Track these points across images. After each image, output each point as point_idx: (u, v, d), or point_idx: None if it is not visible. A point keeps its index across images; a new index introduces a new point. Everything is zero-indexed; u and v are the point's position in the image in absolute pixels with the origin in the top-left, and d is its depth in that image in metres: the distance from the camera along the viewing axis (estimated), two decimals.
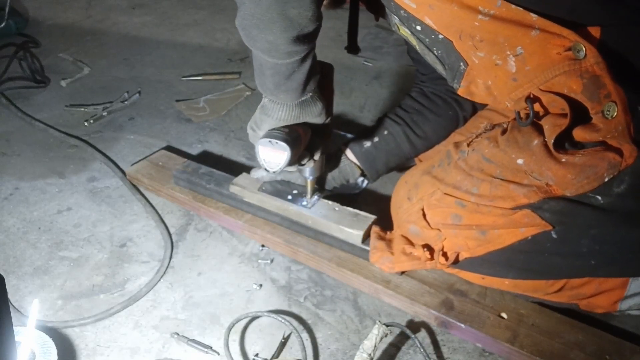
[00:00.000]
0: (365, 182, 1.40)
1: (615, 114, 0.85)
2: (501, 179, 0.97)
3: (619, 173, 0.90)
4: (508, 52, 0.90)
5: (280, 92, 0.97)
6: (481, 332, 0.99)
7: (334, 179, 1.29)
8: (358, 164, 1.29)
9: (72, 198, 1.37)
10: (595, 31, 0.87)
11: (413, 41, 1.02)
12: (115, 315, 1.06)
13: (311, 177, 1.17)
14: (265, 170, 1.03)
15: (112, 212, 1.32)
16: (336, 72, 1.15)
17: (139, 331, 1.04)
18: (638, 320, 1.06)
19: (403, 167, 1.39)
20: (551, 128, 0.91)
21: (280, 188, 1.24)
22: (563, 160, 0.91)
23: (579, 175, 0.90)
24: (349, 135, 1.50)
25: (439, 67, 1.04)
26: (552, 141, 0.91)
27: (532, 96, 0.93)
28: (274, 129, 1.01)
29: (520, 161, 0.95)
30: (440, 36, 0.95)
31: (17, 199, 1.36)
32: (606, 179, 0.90)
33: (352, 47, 1.23)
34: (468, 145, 1.05)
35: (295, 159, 1.03)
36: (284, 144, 0.98)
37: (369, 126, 1.32)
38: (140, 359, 0.99)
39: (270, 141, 0.99)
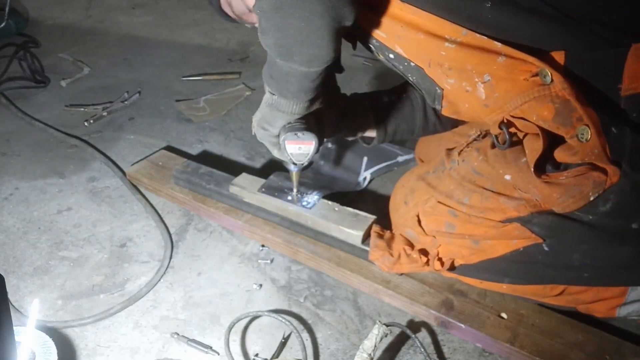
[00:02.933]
0: (368, 179, 1.40)
1: (589, 136, 0.86)
2: (492, 191, 0.98)
3: (604, 192, 0.90)
4: (476, 79, 0.91)
5: (302, 93, 0.96)
6: (481, 332, 0.99)
7: (346, 128, 1.24)
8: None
9: (72, 198, 1.37)
10: (559, 56, 0.87)
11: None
12: (115, 315, 1.06)
13: (296, 169, 1.17)
14: (293, 164, 1.04)
15: (112, 212, 1.32)
16: None
17: (139, 331, 1.04)
18: (638, 322, 1.06)
19: (408, 158, 1.38)
20: (530, 153, 0.92)
21: (280, 188, 1.24)
22: (547, 180, 0.92)
23: (564, 194, 0.91)
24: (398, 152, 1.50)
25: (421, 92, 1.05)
26: (533, 166, 0.91)
27: (505, 121, 0.94)
28: (291, 123, 1.01)
29: (507, 177, 0.96)
30: (412, 64, 0.97)
31: (17, 199, 1.36)
32: (591, 198, 0.90)
33: (338, 68, 1.23)
34: (459, 154, 1.05)
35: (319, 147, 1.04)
36: (310, 134, 1.00)
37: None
38: (140, 359, 0.99)
39: (296, 134, 0.99)
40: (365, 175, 1.42)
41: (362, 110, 1.23)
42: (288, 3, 0.82)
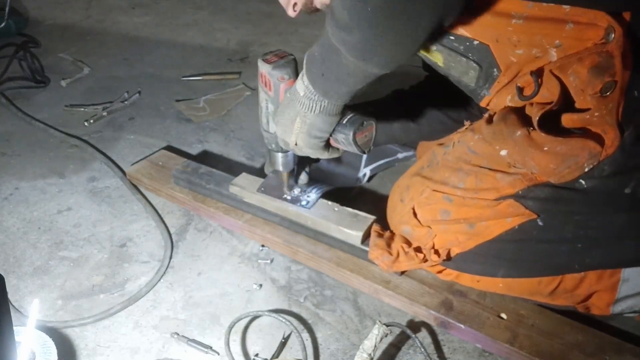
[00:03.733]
0: (367, 175, 1.40)
1: (611, 91, 0.88)
2: (487, 169, 0.99)
3: (599, 163, 0.93)
4: (547, 46, 0.91)
5: (349, 95, 0.95)
6: (481, 332, 0.99)
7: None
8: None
9: (72, 198, 1.37)
10: (626, 16, 0.89)
11: (437, 58, 1.01)
12: (115, 315, 1.06)
13: (286, 170, 1.17)
14: (362, 153, 1.03)
15: (112, 212, 1.32)
16: None
17: (139, 331, 1.04)
18: (638, 321, 1.06)
19: (408, 155, 1.42)
20: (538, 110, 0.93)
21: (279, 187, 1.24)
22: (545, 148, 0.93)
23: (560, 165, 0.93)
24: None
25: (466, 78, 1.03)
26: (537, 118, 0.92)
27: (539, 71, 0.94)
28: (344, 120, 1.00)
29: (503, 152, 0.97)
30: (476, 42, 0.95)
31: (17, 199, 1.36)
32: (586, 169, 0.93)
33: None
34: (455, 135, 1.07)
35: None
36: (370, 119, 1.01)
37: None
38: (140, 359, 0.99)
39: (363, 124, 1.00)
40: (364, 171, 1.42)
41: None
42: (402, 2, 0.78)
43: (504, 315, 1.02)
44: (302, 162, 1.23)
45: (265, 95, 1.09)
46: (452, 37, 0.97)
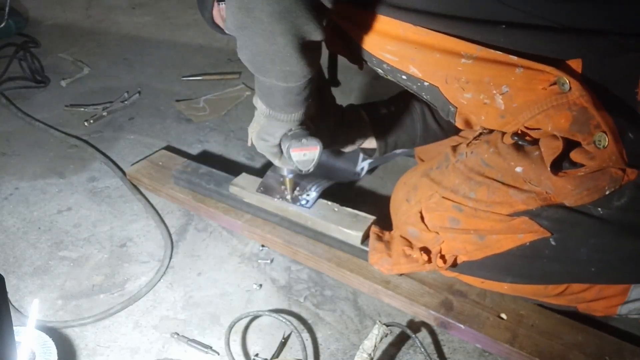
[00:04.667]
0: (365, 169, 1.40)
1: (607, 143, 0.85)
2: (501, 183, 0.97)
3: (620, 187, 0.90)
4: (494, 91, 0.91)
5: (290, 107, 0.97)
6: (480, 332, 0.99)
7: (342, 139, 1.24)
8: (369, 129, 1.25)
9: (72, 198, 1.37)
10: (576, 64, 0.87)
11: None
12: (115, 315, 1.06)
13: (290, 175, 1.17)
14: (299, 171, 1.03)
15: (112, 212, 1.32)
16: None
17: (139, 331, 1.04)
18: (638, 322, 1.06)
19: (407, 151, 1.38)
20: (548, 151, 0.91)
21: (278, 187, 1.24)
22: (562, 174, 0.91)
23: (578, 187, 0.90)
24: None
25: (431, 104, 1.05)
26: (550, 164, 0.90)
27: (519, 132, 0.94)
28: (292, 130, 1.01)
29: (519, 169, 0.96)
30: (426, 83, 0.97)
31: (17, 199, 1.36)
32: (607, 192, 0.90)
33: (333, 82, 1.22)
34: (467, 145, 1.05)
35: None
36: (314, 139, 1.00)
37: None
38: (140, 359, 0.99)
39: (300, 140, 0.99)
40: (362, 165, 1.42)
41: (357, 121, 1.24)
42: (250, 23, 0.82)
43: (504, 316, 1.02)
44: None
45: None
46: (404, 77, 0.98)
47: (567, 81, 0.85)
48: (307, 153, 1.01)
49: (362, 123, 1.24)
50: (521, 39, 0.87)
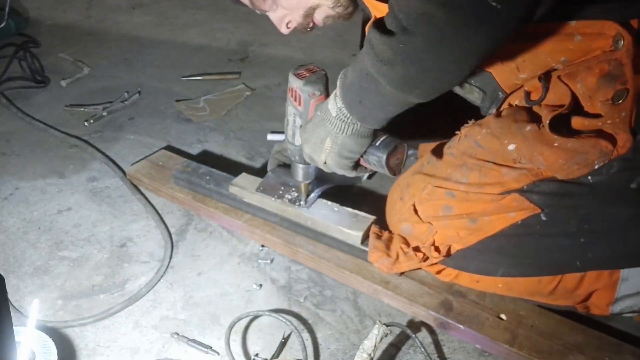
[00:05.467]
0: (367, 174, 1.40)
1: (624, 99, 0.88)
2: (493, 163, 0.99)
3: (609, 161, 0.93)
4: (553, 64, 0.91)
5: (386, 121, 0.94)
6: (480, 333, 0.99)
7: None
8: None
9: (72, 198, 1.37)
10: (633, 23, 0.89)
11: None
12: (115, 315, 1.06)
13: (307, 180, 1.17)
14: (393, 175, 1.03)
15: (112, 212, 1.32)
16: (337, 71, 1.15)
17: (139, 331, 1.04)
18: (637, 322, 1.06)
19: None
20: (549, 112, 0.92)
21: (278, 187, 1.24)
22: (555, 144, 0.93)
23: (569, 160, 0.93)
24: None
25: (471, 97, 1.04)
26: (548, 121, 0.92)
27: (548, 75, 0.94)
28: (376, 142, 1.00)
29: (511, 147, 0.97)
30: (478, 69, 0.95)
31: (17, 199, 1.36)
32: (596, 167, 0.93)
33: None
34: (462, 129, 1.06)
35: None
36: (403, 143, 1.01)
37: None
38: (140, 359, 0.99)
39: (396, 148, 1.00)
40: None
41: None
42: (451, 41, 0.75)
43: (503, 316, 1.02)
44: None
45: (293, 109, 1.09)
46: None
47: (623, 37, 0.86)
48: (399, 157, 1.02)
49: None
50: (579, 7, 0.88)
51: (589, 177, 0.95)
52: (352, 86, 0.91)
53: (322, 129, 0.99)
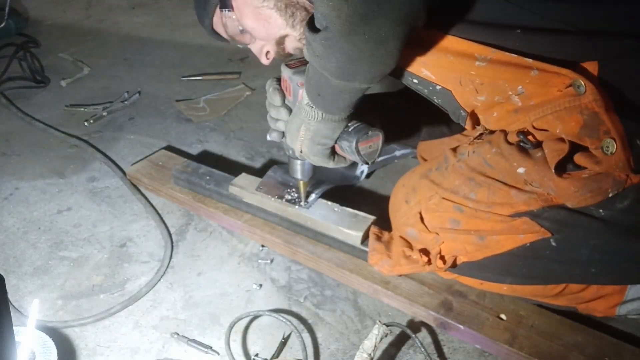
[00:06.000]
0: (365, 172, 1.40)
1: (614, 150, 0.85)
2: (502, 183, 0.97)
3: (623, 190, 0.90)
4: (510, 92, 0.90)
5: (350, 108, 0.96)
6: (480, 333, 0.99)
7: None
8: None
9: (72, 198, 1.37)
10: (592, 66, 0.87)
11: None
12: (115, 315, 1.06)
13: (304, 179, 1.17)
14: (365, 164, 1.03)
15: (112, 212, 1.32)
16: None
17: (139, 331, 1.04)
18: (638, 322, 1.06)
19: (407, 152, 1.40)
20: (552, 153, 0.91)
21: (278, 186, 1.24)
22: (565, 175, 0.91)
23: (582, 189, 0.90)
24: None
25: (441, 108, 1.04)
26: (554, 166, 0.90)
27: (525, 130, 0.94)
28: (348, 128, 1.00)
29: (521, 170, 0.95)
30: (438, 87, 0.96)
31: (17, 199, 1.36)
32: (610, 195, 0.90)
33: None
34: (469, 144, 1.05)
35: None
36: (376, 130, 1.00)
37: None
38: (140, 359, 0.99)
39: (367, 134, 0.99)
40: (362, 168, 1.42)
41: (364, 110, 1.22)
42: (361, 29, 0.78)
43: (503, 316, 1.02)
44: None
45: (286, 100, 1.09)
46: (415, 80, 0.97)
47: (583, 84, 0.84)
48: (372, 144, 1.01)
49: (368, 112, 1.23)
50: (536, 43, 0.87)
51: (601, 211, 0.92)
52: (311, 80, 0.94)
53: (297, 118, 1.02)
